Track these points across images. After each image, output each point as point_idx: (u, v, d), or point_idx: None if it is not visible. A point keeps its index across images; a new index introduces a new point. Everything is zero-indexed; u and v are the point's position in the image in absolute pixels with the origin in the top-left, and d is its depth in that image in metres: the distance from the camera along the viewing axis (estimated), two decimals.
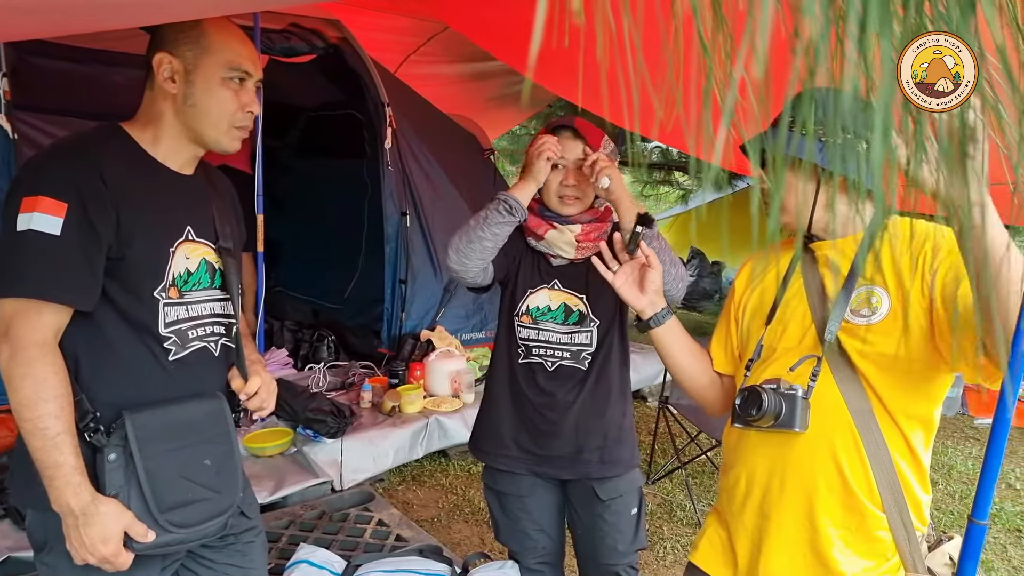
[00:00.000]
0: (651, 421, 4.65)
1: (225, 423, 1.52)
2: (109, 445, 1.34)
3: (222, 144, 1.46)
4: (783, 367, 1.37)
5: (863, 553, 1.33)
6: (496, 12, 2.80)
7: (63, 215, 1.26)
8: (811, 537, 1.35)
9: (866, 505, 1.31)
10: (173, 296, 1.43)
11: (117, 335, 1.38)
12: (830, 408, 1.31)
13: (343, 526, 2.80)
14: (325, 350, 4.56)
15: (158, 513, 1.37)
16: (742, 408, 1.34)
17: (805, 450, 1.34)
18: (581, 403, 1.98)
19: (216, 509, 1.49)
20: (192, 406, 1.46)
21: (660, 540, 3.47)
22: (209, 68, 1.40)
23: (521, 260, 2.03)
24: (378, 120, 4.35)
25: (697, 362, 1.59)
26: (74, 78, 3.64)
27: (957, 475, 4.39)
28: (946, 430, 5.15)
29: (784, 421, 1.30)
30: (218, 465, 1.49)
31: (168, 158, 1.46)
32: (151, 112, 1.44)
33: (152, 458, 1.37)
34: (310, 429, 3.40)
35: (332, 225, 5.31)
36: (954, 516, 3.85)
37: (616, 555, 2.05)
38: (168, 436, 1.40)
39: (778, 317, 1.42)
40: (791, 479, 1.36)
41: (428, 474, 4.03)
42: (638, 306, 1.55)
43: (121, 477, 1.34)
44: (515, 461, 2.05)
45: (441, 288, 4.71)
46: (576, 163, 1.89)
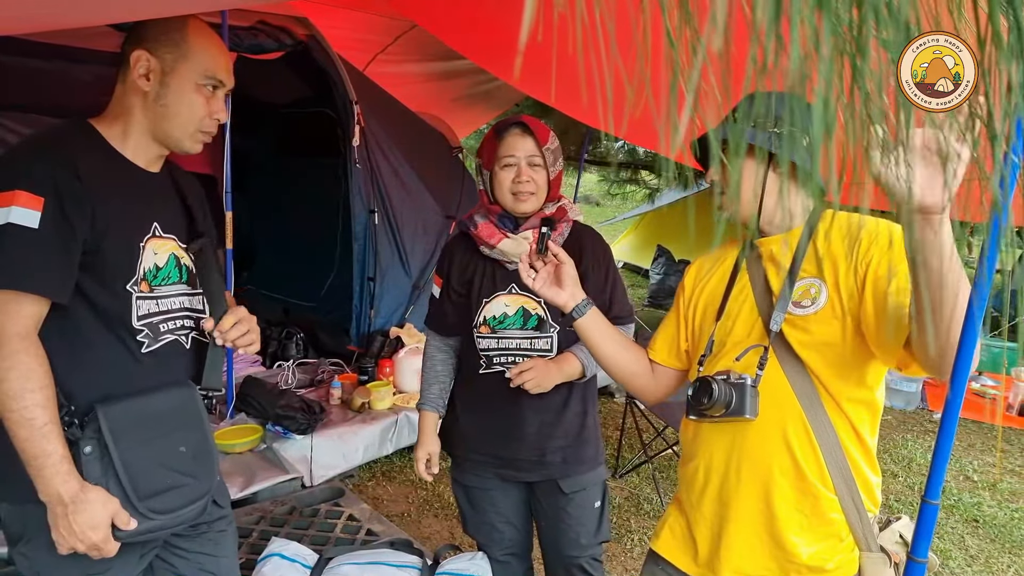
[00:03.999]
0: (618, 417, 4.71)
1: (197, 410, 1.55)
2: (84, 438, 1.35)
3: (183, 146, 1.49)
4: (732, 359, 1.43)
5: (819, 535, 1.38)
6: (465, 10, 2.82)
7: (40, 209, 1.28)
8: (768, 521, 1.40)
9: (818, 488, 1.36)
10: (144, 290, 1.45)
11: (91, 329, 1.40)
12: (779, 395, 1.36)
13: (314, 521, 2.80)
14: (294, 347, 4.54)
15: (137, 501, 1.39)
16: (694, 398, 1.39)
17: (758, 437, 1.39)
18: (544, 408, 2.00)
19: (195, 494, 1.52)
20: (163, 396, 1.48)
21: (628, 533, 3.53)
22: (185, 73, 1.43)
23: (475, 271, 2.03)
24: (347, 118, 4.34)
25: (624, 350, 1.62)
26: (37, 75, 3.58)
27: (916, 467, 4.52)
28: (906, 424, 5.29)
29: (735, 409, 1.35)
30: (193, 451, 1.52)
31: (136, 155, 1.48)
32: (120, 107, 1.45)
33: (128, 449, 1.38)
34: (280, 426, 3.39)
35: (307, 224, 5.27)
36: (913, 508, 3.96)
37: (579, 547, 2.09)
38: (142, 426, 1.42)
39: (727, 312, 1.48)
40: (746, 466, 1.41)
41: (398, 470, 4.04)
42: (560, 301, 1.56)
43: (98, 468, 1.36)
44: (480, 465, 2.09)
45: (410, 285, 4.71)
46: (528, 160, 1.90)
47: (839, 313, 1.32)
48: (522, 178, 1.89)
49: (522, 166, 1.90)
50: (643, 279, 10.11)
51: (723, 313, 1.48)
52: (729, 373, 1.37)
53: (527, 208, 1.92)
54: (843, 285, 1.31)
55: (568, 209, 2.00)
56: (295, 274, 5.35)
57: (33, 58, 3.54)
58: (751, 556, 1.42)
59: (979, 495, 4.22)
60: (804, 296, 1.36)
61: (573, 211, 2.02)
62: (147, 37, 1.41)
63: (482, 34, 3.10)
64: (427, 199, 4.79)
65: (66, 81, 3.60)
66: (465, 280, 2.04)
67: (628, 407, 4.26)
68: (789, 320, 1.36)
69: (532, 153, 1.90)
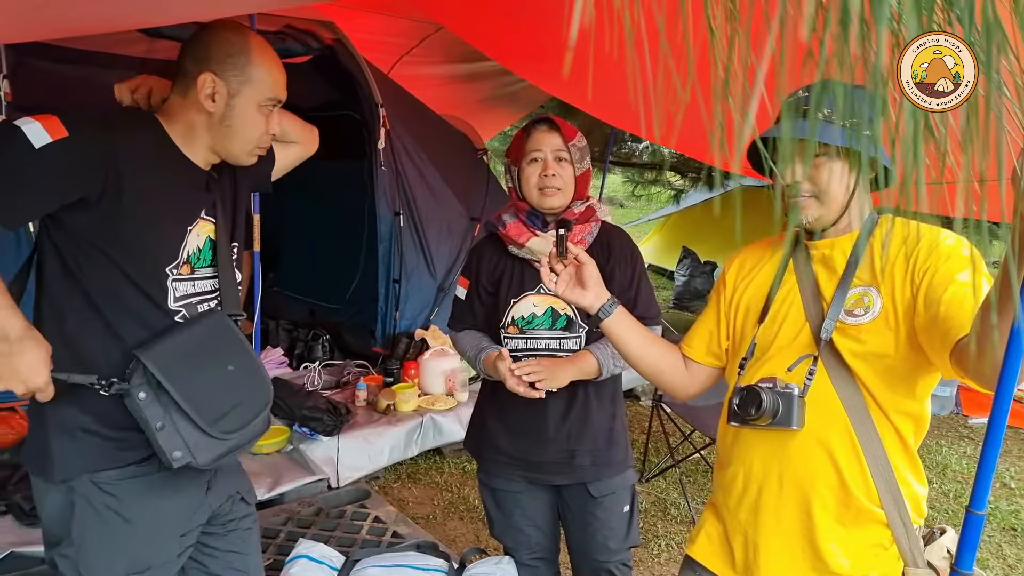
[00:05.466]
0: (644, 420, 4.67)
1: (232, 331, 1.56)
2: (133, 386, 1.36)
3: (241, 160, 1.56)
4: (779, 366, 1.39)
5: (861, 546, 1.35)
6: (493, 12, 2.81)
7: (54, 138, 1.29)
8: (808, 532, 1.36)
9: (862, 501, 1.32)
10: (185, 273, 1.49)
11: (118, 322, 1.43)
12: (826, 406, 1.32)
13: (340, 523, 2.81)
14: (320, 349, 4.57)
15: (208, 427, 1.42)
16: (740, 407, 1.35)
17: (801, 447, 1.35)
18: (572, 410, 1.98)
19: (256, 407, 1.55)
20: (194, 328, 1.49)
21: (655, 538, 3.49)
22: (250, 95, 1.49)
23: (504, 271, 2.02)
24: (372, 120, 4.36)
25: (653, 347, 1.59)
26: (70, 80, 3.64)
27: (952, 474, 4.43)
28: (940, 429, 5.18)
29: (781, 419, 1.31)
30: (241, 368, 1.54)
31: (194, 156, 1.53)
32: (184, 118, 1.50)
33: (182, 381, 1.40)
34: (306, 427, 3.41)
35: (332, 226, 5.31)
36: (949, 515, 3.89)
37: (608, 552, 2.07)
38: (186, 358, 1.44)
39: (771, 315, 1.43)
40: (788, 476, 1.37)
41: (423, 472, 4.04)
42: (585, 303, 1.53)
43: (159, 410, 1.37)
44: (508, 468, 2.07)
45: (435, 287, 4.72)
46: (554, 154, 1.90)
47: (893, 324, 1.28)
48: (548, 172, 1.89)
49: (548, 160, 1.89)
50: (668, 281, 10.02)
51: (767, 315, 1.44)
52: (775, 381, 1.33)
53: (554, 203, 1.91)
54: (899, 295, 1.27)
55: (596, 209, 1.98)
56: (321, 276, 5.39)
57: (64, 63, 3.60)
58: (790, 566, 1.39)
59: (1017, 503, 4.12)
60: (857, 304, 1.32)
61: (602, 211, 2.00)
62: (212, 59, 1.45)
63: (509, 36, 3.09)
64: (452, 201, 4.79)
65: (98, 86, 3.65)
66: (493, 280, 2.03)
67: (654, 410, 4.22)
68: (840, 328, 1.32)
69: (559, 148, 1.90)
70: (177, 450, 1.39)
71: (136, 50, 3.79)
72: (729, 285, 1.56)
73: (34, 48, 3.35)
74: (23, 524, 2.54)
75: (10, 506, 2.61)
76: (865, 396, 1.31)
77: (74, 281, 1.39)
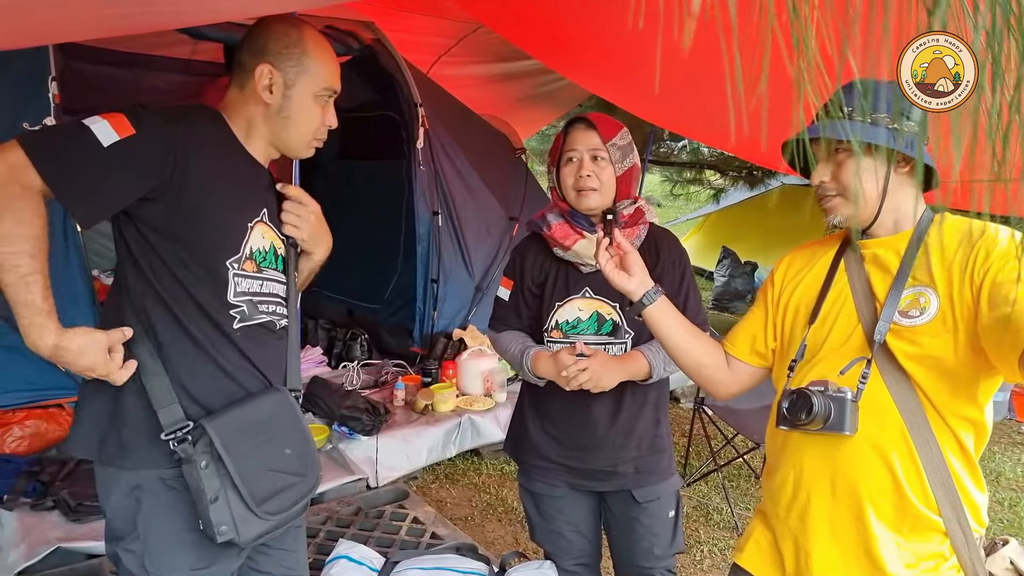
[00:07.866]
0: (685, 423, 4.60)
1: (294, 412, 1.58)
2: (197, 454, 1.38)
3: (299, 152, 1.58)
4: (830, 369, 1.34)
5: (919, 555, 1.30)
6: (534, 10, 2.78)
7: (121, 136, 1.31)
8: (863, 540, 1.32)
9: (919, 508, 1.28)
10: (249, 269, 1.50)
11: (187, 314, 1.43)
12: (880, 410, 1.28)
13: (379, 523, 2.81)
14: (358, 348, 4.59)
15: (255, 507, 1.43)
16: (791, 411, 1.31)
17: (854, 453, 1.31)
18: (616, 417, 1.94)
19: (302, 492, 1.57)
20: (259, 403, 1.51)
21: (697, 544, 3.43)
22: (307, 86, 1.50)
23: (548, 274, 1.97)
24: (411, 120, 4.37)
25: (696, 340, 1.56)
26: (115, 81, 3.71)
27: (1006, 482, 4.28)
28: (993, 436, 4.97)
29: (833, 424, 1.27)
30: (297, 451, 1.56)
31: (255, 152, 1.55)
32: (243, 111, 1.52)
33: (240, 458, 1.42)
34: (345, 426, 3.42)
35: (371, 226, 5.34)
36: (1004, 524, 3.75)
37: (652, 558, 2.02)
38: (248, 435, 1.45)
39: (822, 317, 1.39)
40: (840, 481, 1.33)
41: (461, 473, 4.02)
42: (629, 287, 1.52)
43: (217, 482, 1.39)
44: (551, 473, 2.03)
45: (473, 287, 4.71)
46: (590, 153, 1.85)
47: (951, 325, 1.23)
48: (583, 172, 1.83)
49: (584, 160, 1.84)
50: (707, 281, 9.90)
51: (817, 317, 1.39)
52: (827, 385, 1.29)
53: (591, 204, 1.85)
54: (957, 296, 1.22)
55: (645, 211, 1.93)
56: (359, 276, 5.41)
57: (110, 66, 3.68)
58: (844, 574, 1.35)
59: None
60: (912, 305, 1.27)
61: (650, 213, 1.95)
62: (269, 51, 1.47)
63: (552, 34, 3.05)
64: (490, 201, 4.78)
65: (141, 87, 3.72)
66: (538, 283, 1.99)
67: (695, 413, 4.15)
68: (894, 330, 1.27)
69: (595, 147, 1.84)
70: (224, 524, 1.39)
71: (180, 52, 3.85)
72: (777, 285, 1.53)
73: (81, 51, 3.42)
74: (69, 520, 2.58)
75: (57, 502, 2.65)
76: (922, 400, 1.26)
77: (146, 281, 1.41)
